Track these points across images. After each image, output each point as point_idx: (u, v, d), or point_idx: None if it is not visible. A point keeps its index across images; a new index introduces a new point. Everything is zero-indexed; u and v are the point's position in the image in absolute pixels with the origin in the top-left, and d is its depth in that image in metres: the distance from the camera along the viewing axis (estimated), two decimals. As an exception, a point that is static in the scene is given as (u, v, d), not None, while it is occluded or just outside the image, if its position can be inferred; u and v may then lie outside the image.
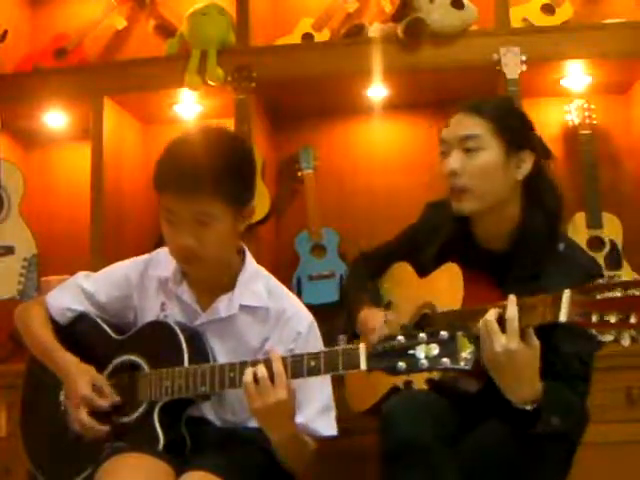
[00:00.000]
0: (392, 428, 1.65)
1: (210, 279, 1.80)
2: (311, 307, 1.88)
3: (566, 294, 1.49)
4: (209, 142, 1.73)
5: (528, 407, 1.59)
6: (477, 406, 1.75)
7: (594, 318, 1.44)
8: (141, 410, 1.73)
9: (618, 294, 1.42)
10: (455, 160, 1.80)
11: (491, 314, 1.58)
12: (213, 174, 1.66)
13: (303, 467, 1.77)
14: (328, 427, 1.78)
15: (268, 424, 1.65)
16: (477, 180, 1.79)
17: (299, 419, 1.72)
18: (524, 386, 1.58)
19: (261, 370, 1.60)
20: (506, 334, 1.54)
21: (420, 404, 1.68)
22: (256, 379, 1.60)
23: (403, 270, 2.09)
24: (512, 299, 1.57)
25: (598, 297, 1.44)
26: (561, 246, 1.80)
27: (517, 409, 1.60)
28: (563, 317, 1.49)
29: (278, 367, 1.60)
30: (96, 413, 1.73)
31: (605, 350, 2.47)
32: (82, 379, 1.74)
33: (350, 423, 1.95)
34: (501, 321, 1.57)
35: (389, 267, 2.13)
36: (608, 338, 1.44)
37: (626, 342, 1.42)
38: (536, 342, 1.56)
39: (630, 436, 2.45)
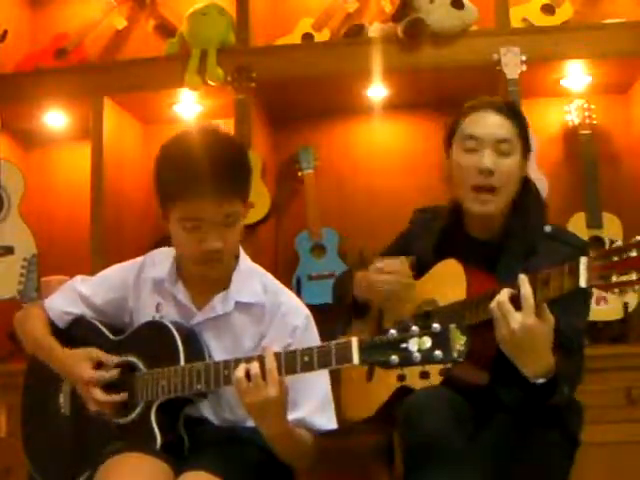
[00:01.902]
0: (416, 425, 1.66)
1: (208, 278, 1.80)
2: (311, 307, 1.87)
3: (583, 260, 1.53)
4: (219, 143, 1.75)
5: (541, 380, 1.63)
6: (484, 399, 1.77)
7: (614, 279, 1.48)
8: (138, 410, 1.74)
9: (634, 253, 1.46)
10: (491, 160, 1.86)
11: (503, 295, 1.61)
12: (237, 174, 1.70)
13: (300, 462, 1.77)
14: (328, 421, 1.78)
15: (259, 419, 1.65)
16: (506, 181, 1.87)
17: (299, 414, 1.73)
18: (540, 360, 1.62)
19: (254, 367, 1.60)
20: (522, 311, 1.58)
21: (442, 401, 1.70)
22: (248, 375, 1.59)
23: None
24: (523, 278, 1.60)
25: (615, 259, 1.48)
26: (547, 228, 1.89)
27: (530, 385, 1.63)
28: (583, 283, 1.53)
29: (270, 364, 1.59)
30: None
31: (605, 350, 2.49)
32: (81, 364, 1.76)
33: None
34: (513, 300, 1.60)
35: None
36: (630, 297, 1.47)
37: None
38: (550, 316, 1.60)
39: (630, 436, 2.46)
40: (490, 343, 1.74)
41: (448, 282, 1.88)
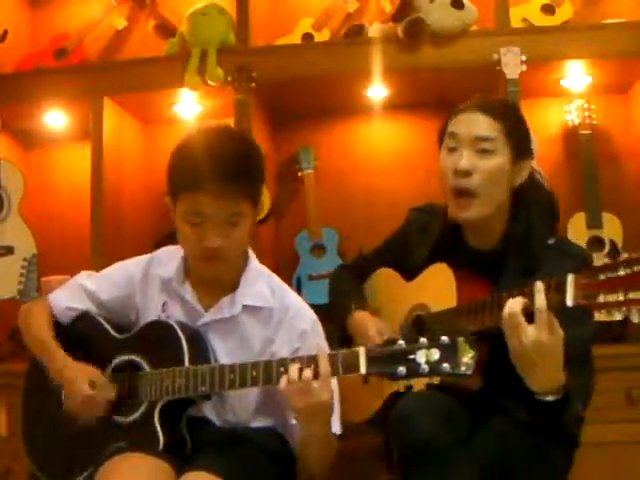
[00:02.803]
0: (409, 430, 1.64)
1: (216, 278, 1.80)
2: (311, 307, 1.88)
3: (570, 278, 1.48)
4: (231, 142, 1.75)
5: (550, 398, 1.58)
6: (480, 403, 1.76)
7: (601, 298, 1.43)
8: (141, 410, 1.74)
9: (622, 272, 1.41)
10: (468, 159, 1.79)
11: (515, 306, 1.54)
12: (246, 175, 1.70)
13: (325, 467, 1.76)
14: (336, 425, 1.77)
15: (308, 423, 1.64)
16: (486, 183, 1.79)
17: None
18: (550, 376, 1.56)
19: (307, 369, 1.58)
20: (535, 325, 1.51)
21: (434, 405, 1.68)
22: (301, 377, 1.57)
23: (386, 276, 2.09)
24: (540, 288, 1.52)
25: (602, 277, 1.43)
26: (551, 240, 1.81)
27: (538, 402, 1.58)
28: (569, 301, 1.48)
29: (325, 367, 1.58)
30: None
31: (605, 350, 2.49)
32: (81, 380, 1.75)
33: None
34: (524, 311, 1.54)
35: (370, 275, 2.13)
36: (617, 317, 1.43)
37: (635, 318, 1.41)
38: (560, 331, 1.53)
39: (630, 436, 2.45)
40: (481, 349, 1.73)
41: (438, 286, 1.86)
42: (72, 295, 1.93)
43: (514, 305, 1.55)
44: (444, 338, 1.49)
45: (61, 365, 1.79)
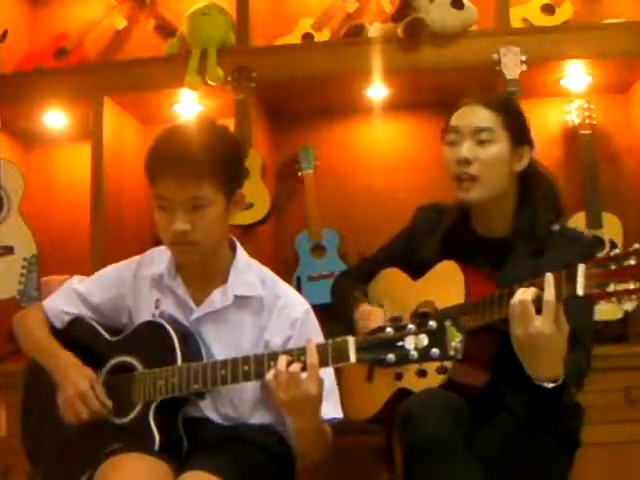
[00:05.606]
0: (415, 427, 1.65)
1: (203, 271, 1.81)
2: (312, 307, 1.88)
3: (581, 267, 1.50)
4: (199, 130, 1.76)
5: (549, 385, 1.58)
6: (485, 401, 1.77)
7: (611, 287, 1.45)
8: (136, 411, 1.74)
9: (632, 262, 1.43)
10: (468, 149, 1.88)
11: (527, 294, 1.56)
12: (206, 158, 1.70)
13: (319, 454, 1.77)
14: (332, 409, 1.77)
15: (294, 415, 1.64)
16: (487, 170, 1.87)
17: None
18: (550, 367, 1.58)
19: (296, 362, 1.58)
20: (542, 316, 1.53)
21: (441, 402, 1.69)
22: (288, 369, 1.58)
23: (391, 275, 2.10)
24: (549, 280, 1.54)
25: (613, 267, 1.45)
26: (555, 227, 1.88)
27: (537, 388, 1.59)
28: (580, 290, 1.50)
29: (313, 359, 1.58)
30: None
31: (605, 350, 2.49)
32: (83, 378, 1.76)
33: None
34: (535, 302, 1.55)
35: (376, 275, 2.14)
36: (628, 306, 1.45)
37: None
38: (566, 326, 1.55)
39: (630, 436, 2.46)
40: (489, 344, 1.74)
41: (446, 284, 1.88)
42: (65, 300, 1.94)
43: (526, 293, 1.56)
44: (432, 323, 1.50)
45: (63, 363, 1.80)
